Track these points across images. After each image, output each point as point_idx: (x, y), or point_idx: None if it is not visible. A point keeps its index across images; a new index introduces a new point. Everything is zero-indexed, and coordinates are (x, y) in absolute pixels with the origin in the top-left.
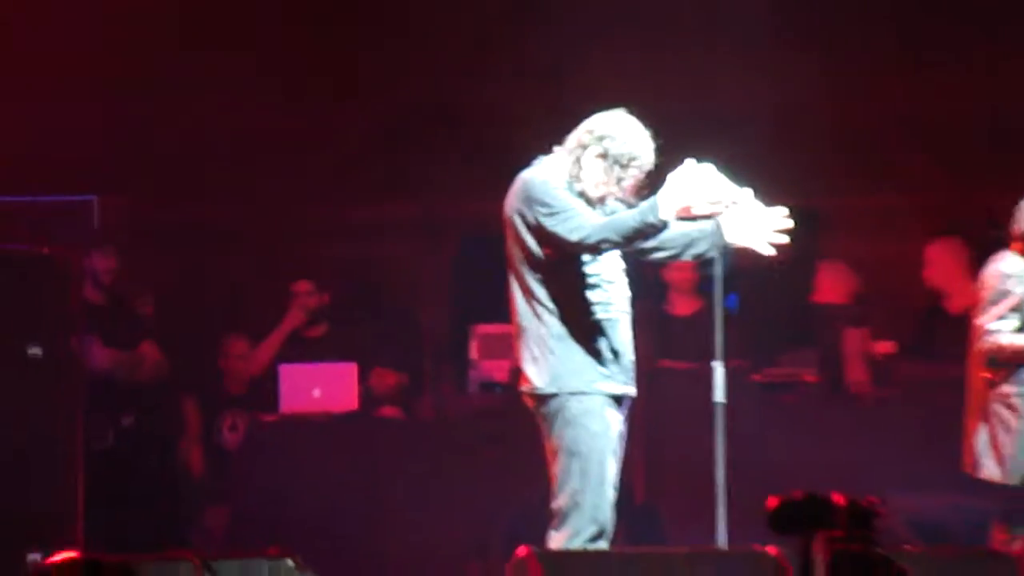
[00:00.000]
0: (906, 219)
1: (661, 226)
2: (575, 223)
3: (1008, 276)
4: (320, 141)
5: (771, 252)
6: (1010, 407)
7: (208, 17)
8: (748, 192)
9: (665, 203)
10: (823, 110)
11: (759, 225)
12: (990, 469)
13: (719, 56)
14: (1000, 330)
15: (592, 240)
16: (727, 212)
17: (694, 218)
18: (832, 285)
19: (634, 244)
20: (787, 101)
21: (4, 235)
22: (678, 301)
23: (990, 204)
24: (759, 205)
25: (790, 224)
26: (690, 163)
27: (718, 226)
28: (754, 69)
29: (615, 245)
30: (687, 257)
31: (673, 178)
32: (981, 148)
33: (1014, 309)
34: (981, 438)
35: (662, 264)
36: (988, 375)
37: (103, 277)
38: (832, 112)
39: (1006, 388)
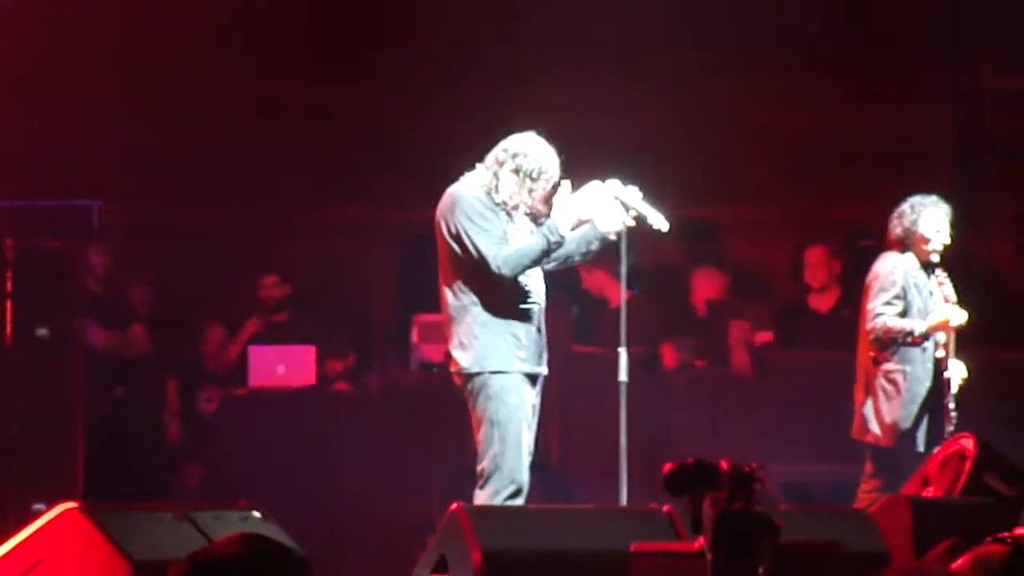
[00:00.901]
0: (779, 230)
1: (561, 242)
2: (495, 250)
3: (894, 268)
4: (288, 155)
5: (631, 224)
6: (892, 382)
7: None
8: (626, 187)
9: (560, 222)
10: (702, 135)
11: (619, 209)
12: (874, 434)
13: (625, 86)
14: (886, 314)
15: (507, 269)
16: (600, 211)
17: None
18: (706, 286)
19: (542, 263)
20: (676, 127)
21: (18, 233)
22: (611, 296)
23: (849, 218)
24: (616, 191)
25: (640, 195)
26: (567, 184)
27: (593, 224)
28: (650, 96)
29: (528, 268)
30: (579, 259)
31: (560, 201)
32: (838, 168)
33: (898, 296)
34: (868, 408)
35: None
36: (874, 354)
37: (98, 270)
38: (710, 138)
39: (889, 366)
